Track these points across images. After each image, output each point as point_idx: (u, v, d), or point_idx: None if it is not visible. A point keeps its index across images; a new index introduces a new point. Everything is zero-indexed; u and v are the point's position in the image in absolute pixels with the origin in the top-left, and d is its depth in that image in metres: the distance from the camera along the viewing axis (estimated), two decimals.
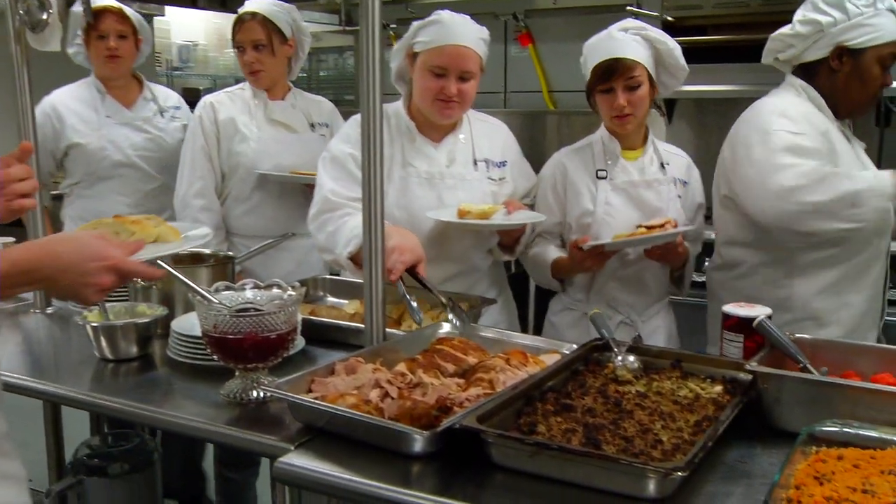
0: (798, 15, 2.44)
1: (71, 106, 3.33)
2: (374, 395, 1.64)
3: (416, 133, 2.54)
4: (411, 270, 2.20)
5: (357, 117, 2.45)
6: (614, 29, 2.50)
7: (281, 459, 1.53)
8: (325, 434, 1.61)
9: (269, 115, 3.17)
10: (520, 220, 2.48)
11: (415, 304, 2.12)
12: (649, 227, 2.44)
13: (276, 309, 1.77)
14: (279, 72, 3.20)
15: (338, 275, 2.73)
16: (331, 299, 2.56)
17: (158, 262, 2.00)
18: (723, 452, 1.56)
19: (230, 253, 2.54)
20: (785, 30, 2.47)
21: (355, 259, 2.29)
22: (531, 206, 2.67)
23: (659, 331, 2.66)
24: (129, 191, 3.35)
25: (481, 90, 2.54)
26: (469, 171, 2.56)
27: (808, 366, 1.75)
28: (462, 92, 2.43)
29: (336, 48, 5.74)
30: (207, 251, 2.54)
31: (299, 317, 1.95)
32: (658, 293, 2.68)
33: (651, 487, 1.35)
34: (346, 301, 2.47)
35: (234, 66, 5.82)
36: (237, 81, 3.43)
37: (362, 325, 1.99)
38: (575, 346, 1.93)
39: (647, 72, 2.47)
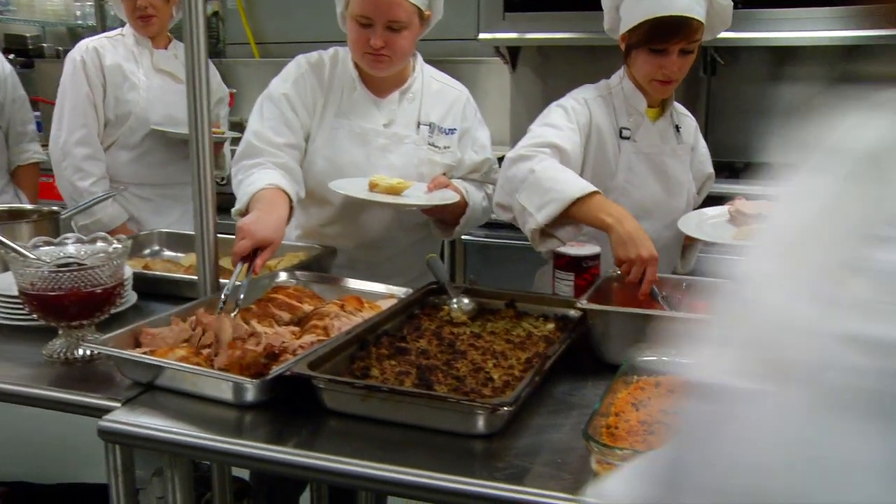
0: None
1: None
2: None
3: (358, 83, 2.31)
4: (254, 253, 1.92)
5: (300, 57, 2.34)
6: None
7: (105, 417, 1.48)
8: (155, 389, 1.56)
9: (155, 65, 3.09)
10: (432, 200, 2.19)
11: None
12: (748, 215, 2.10)
13: (99, 263, 1.69)
14: (168, 18, 3.11)
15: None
16: (167, 253, 2.48)
17: None
18: (553, 387, 1.61)
19: (55, 207, 2.40)
20: None
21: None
22: (481, 182, 2.43)
23: None
24: None
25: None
26: (409, 134, 2.33)
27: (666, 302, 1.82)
28: (391, 44, 2.17)
29: None
30: (29, 206, 2.40)
31: (127, 270, 1.87)
32: (668, 271, 2.35)
33: (480, 424, 1.38)
34: (182, 254, 2.40)
35: (63, 12, 5.41)
36: (69, 29, 3.25)
37: (195, 277, 1.94)
38: (411, 291, 1.94)
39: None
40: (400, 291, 1.94)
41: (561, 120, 2.15)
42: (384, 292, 1.95)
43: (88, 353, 1.72)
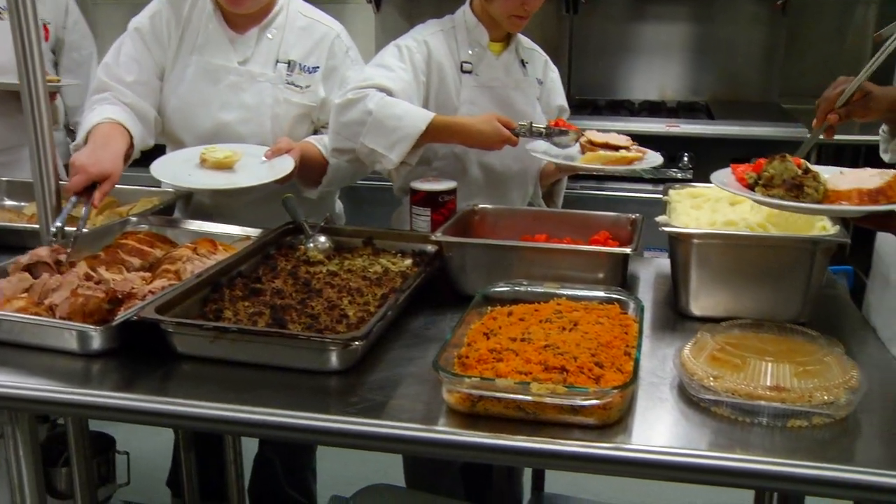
0: None
1: None
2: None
3: (214, 18, 2.21)
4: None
5: None
6: None
7: None
8: None
9: None
10: (253, 180, 2.03)
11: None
12: (596, 144, 2.09)
13: None
14: None
15: None
16: (9, 202, 2.36)
17: None
18: (409, 321, 1.62)
19: None
20: None
21: None
22: None
23: None
24: None
25: None
26: (264, 72, 2.23)
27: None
28: None
29: None
30: None
31: None
32: (522, 203, 2.40)
33: (333, 360, 1.38)
34: (24, 203, 2.27)
35: None
36: None
37: (37, 226, 1.84)
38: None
39: None
40: (255, 232, 1.90)
41: (393, 60, 2.15)
42: (239, 234, 1.91)
43: None
